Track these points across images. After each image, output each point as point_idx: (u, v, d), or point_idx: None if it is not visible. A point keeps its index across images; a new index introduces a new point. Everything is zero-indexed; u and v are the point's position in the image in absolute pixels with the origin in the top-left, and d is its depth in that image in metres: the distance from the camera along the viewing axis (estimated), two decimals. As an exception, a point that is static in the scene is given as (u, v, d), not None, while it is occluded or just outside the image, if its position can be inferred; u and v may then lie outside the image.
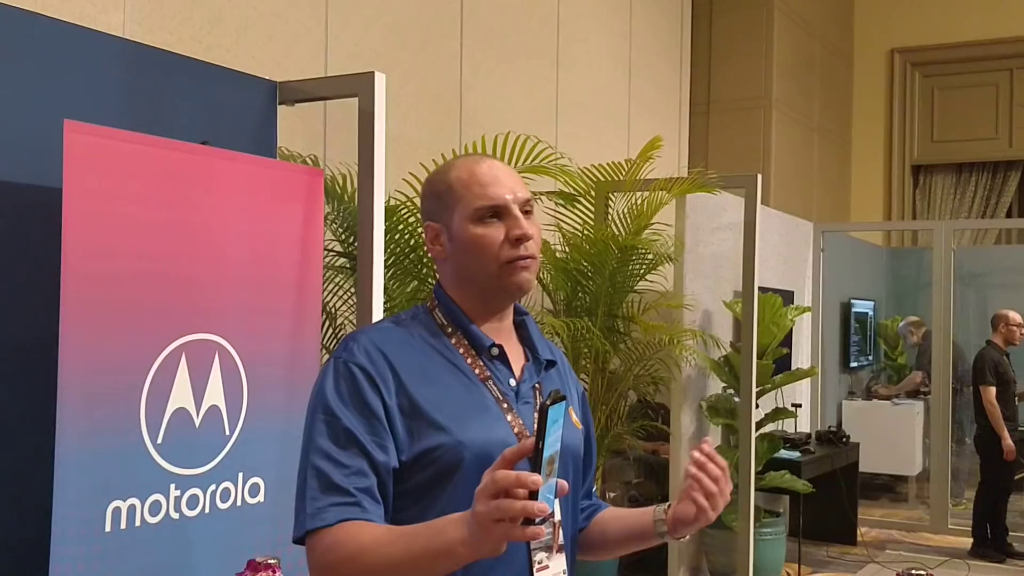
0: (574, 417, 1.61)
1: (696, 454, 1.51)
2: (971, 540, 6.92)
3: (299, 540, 1.41)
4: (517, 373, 1.53)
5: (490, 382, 1.49)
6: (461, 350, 1.49)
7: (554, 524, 1.48)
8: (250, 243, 2.66)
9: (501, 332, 1.55)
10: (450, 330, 1.51)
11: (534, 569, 1.45)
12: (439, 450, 1.40)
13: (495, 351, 1.51)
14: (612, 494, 6.15)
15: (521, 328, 1.60)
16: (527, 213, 1.51)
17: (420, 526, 1.32)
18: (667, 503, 1.59)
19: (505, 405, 1.48)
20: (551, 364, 1.61)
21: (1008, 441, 6.45)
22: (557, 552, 1.49)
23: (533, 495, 1.16)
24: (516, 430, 1.46)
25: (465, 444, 1.40)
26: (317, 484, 1.37)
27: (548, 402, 1.18)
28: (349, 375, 1.42)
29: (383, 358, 1.43)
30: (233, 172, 2.61)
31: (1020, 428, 6.60)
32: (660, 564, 5.74)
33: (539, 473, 1.15)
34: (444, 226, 1.51)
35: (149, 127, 2.48)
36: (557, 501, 1.47)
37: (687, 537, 1.57)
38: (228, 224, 2.59)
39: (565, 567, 1.51)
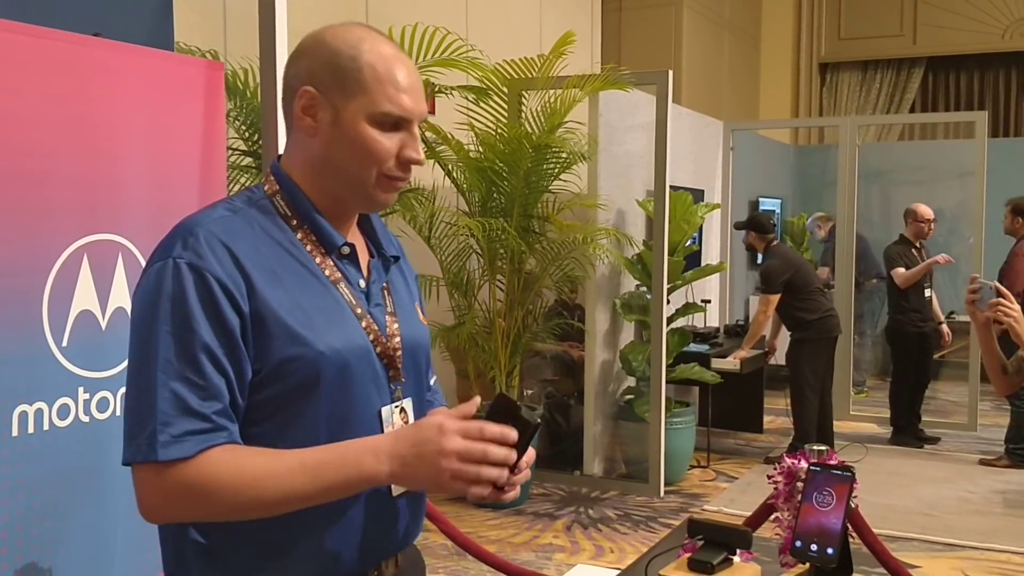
0: (421, 315, 1.54)
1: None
2: (873, 427, 7.30)
3: (131, 462, 1.27)
4: (364, 272, 1.42)
5: (341, 284, 1.37)
6: (309, 247, 1.36)
7: None
8: (150, 140, 2.57)
9: (346, 225, 1.42)
10: (295, 222, 1.36)
11: None
12: (298, 362, 1.29)
13: (346, 250, 1.39)
14: (529, 391, 6.26)
15: (363, 219, 1.48)
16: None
17: (321, 455, 1.25)
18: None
19: (359, 310, 1.37)
20: (395, 259, 1.50)
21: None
22: None
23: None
24: (372, 337, 1.37)
25: (325, 355, 1.30)
26: (170, 407, 1.23)
27: (539, 421, 1.24)
28: (202, 282, 1.25)
29: (231, 258, 1.27)
30: (128, 65, 2.50)
31: (925, 322, 6.77)
32: (576, 456, 5.90)
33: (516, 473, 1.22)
34: (331, 105, 1.33)
35: (35, 18, 2.36)
36: (411, 402, 1.45)
37: None
38: (126, 120, 2.50)
39: None
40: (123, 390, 2.54)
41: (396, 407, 1.41)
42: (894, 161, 9.81)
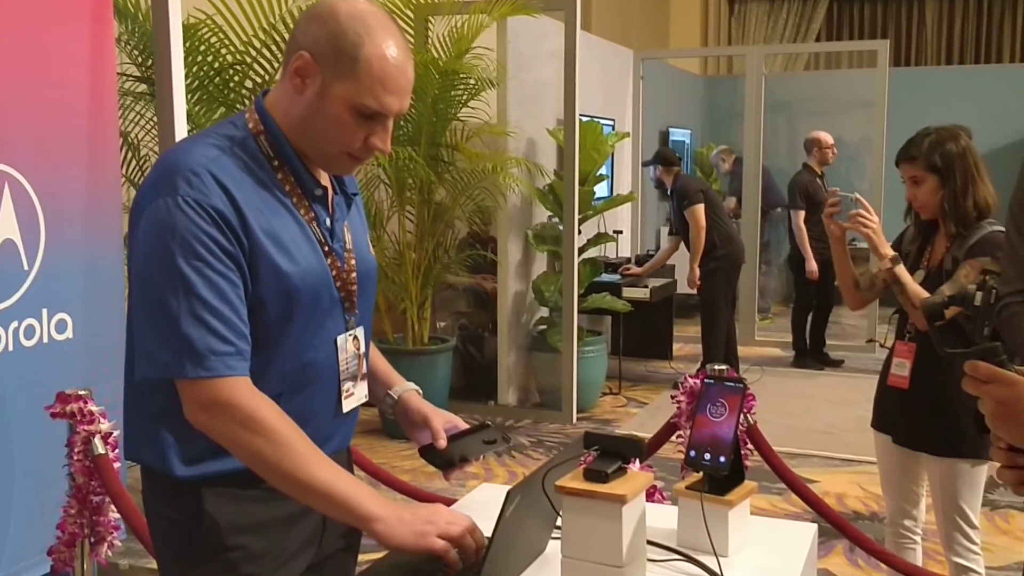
0: (371, 248, 1.65)
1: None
2: (777, 351, 7.54)
3: (159, 375, 1.38)
4: (330, 209, 1.52)
5: (313, 224, 1.48)
6: (287, 187, 1.46)
7: (359, 355, 1.57)
8: (32, 67, 2.46)
9: (318, 168, 1.52)
10: (276, 163, 1.46)
11: (343, 396, 1.54)
12: (278, 295, 1.41)
13: (319, 192, 1.49)
14: (442, 323, 6.28)
15: None
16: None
17: (347, 476, 1.38)
18: (404, 391, 1.72)
19: (326, 248, 1.49)
20: (355, 195, 1.60)
21: (812, 264, 6.82)
22: (361, 380, 1.59)
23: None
24: (334, 272, 1.49)
25: (301, 289, 1.42)
26: (195, 330, 1.34)
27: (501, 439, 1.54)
28: (211, 219, 1.35)
29: (227, 197, 1.38)
30: (5, -15, 2.38)
31: (827, 249, 6.87)
32: (490, 387, 5.96)
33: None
34: (322, 77, 1.41)
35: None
36: (362, 331, 1.57)
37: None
38: (4, 45, 2.38)
39: (366, 392, 1.62)
40: (15, 325, 2.46)
41: (350, 335, 1.54)
42: (799, 92, 9.96)
